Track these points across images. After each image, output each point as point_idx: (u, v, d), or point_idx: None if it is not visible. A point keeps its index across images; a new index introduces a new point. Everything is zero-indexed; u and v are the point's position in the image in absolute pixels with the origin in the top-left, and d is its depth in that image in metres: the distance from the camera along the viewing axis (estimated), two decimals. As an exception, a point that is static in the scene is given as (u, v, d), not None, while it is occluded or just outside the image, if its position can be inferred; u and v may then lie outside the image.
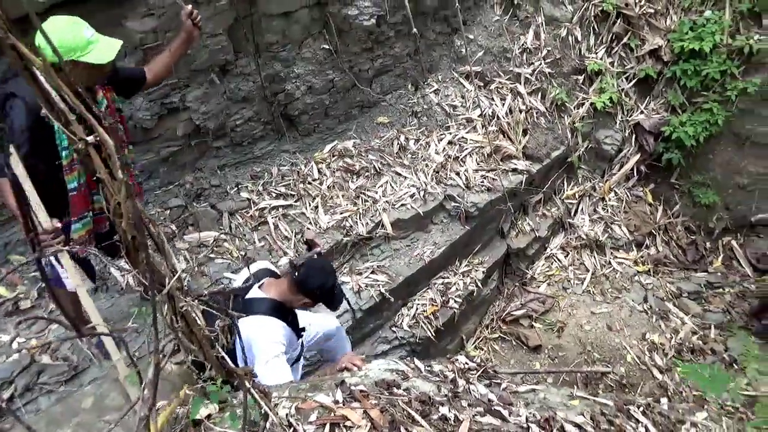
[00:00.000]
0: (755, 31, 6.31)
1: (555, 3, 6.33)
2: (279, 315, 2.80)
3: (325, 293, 2.88)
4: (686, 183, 6.83)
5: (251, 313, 2.76)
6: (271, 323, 2.75)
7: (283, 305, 2.86)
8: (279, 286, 2.90)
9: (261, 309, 2.78)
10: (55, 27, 2.47)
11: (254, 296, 2.85)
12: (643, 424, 2.73)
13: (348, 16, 4.86)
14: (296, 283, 2.82)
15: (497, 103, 5.97)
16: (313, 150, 5.30)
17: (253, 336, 2.69)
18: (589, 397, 2.93)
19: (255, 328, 2.71)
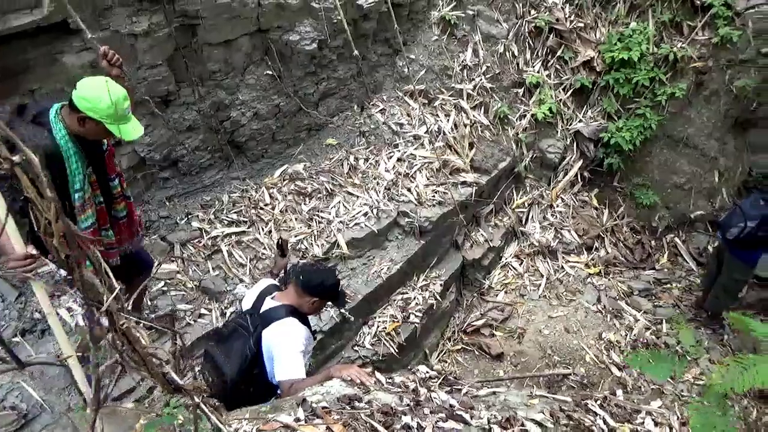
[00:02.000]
0: (678, 39, 6.71)
1: (490, 21, 6.57)
2: (297, 317, 2.90)
3: (330, 290, 2.97)
4: (628, 185, 7.13)
5: (272, 320, 2.84)
6: (293, 324, 2.84)
7: (298, 310, 2.94)
8: (288, 293, 2.98)
9: (280, 314, 2.86)
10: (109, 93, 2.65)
11: (270, 306, 2.93)
12: (601, 416, 2.81)
13: (289, 41, 4.93)
14: (302, 286, 2.91)
15: (442, 119, 6.12)
16: (263, 175, 5.30)
17: (275, 341, 2.78)
18: (548, 396, 3.00)
19: (278, 333, 2.80)
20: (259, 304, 2.99)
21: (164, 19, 4.02)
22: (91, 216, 2.99)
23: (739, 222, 5.18)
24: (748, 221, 5.11)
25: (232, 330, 2.97)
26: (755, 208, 5.14)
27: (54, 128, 2.77)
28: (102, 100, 2.67)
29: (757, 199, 5.22)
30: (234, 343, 2.88)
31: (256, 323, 2.87)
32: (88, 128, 2.78)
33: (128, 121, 2.84)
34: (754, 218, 5.10)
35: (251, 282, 4.59)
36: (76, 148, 2.84)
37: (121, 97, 2.75)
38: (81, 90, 2.70)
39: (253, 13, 4.61)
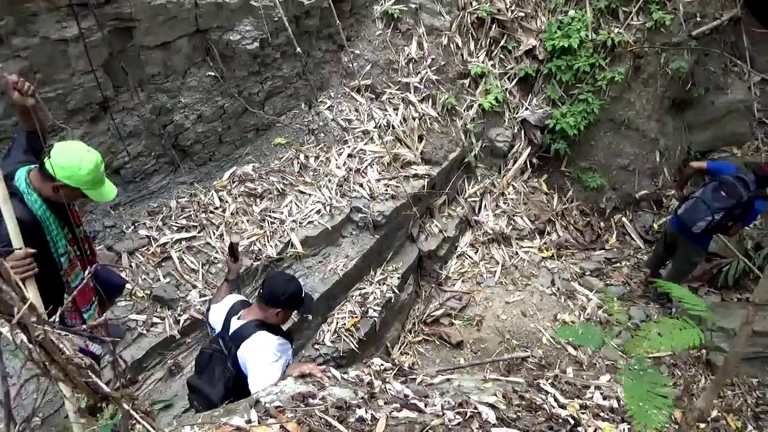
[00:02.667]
0: (614, 25, 6.92)
1: (433, 14, 6.63)
2: (267, 329, 2.89)
3: (292, 299, 2.94)
4: (575, 170, 7.31)
5: (243, 339, 2.83)
6: (261, 338, 2.83)
7: (265, 323, 2.92)
8: (253, 309, 2.97)
9: (249, 331, 2.85)
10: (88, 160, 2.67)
11: (237, 326, 2.92)
12: (552, 394, 2.88)
13: (230, 41, 4.85)
14: (263, 298, 2.90)
15: (391, 113, 6.15)
16: (211, 178, 5.22)
17: (248, 357, 2.79)
18: (501, 378, 3.07)
19: (249, 350, 2.80)
20: (228, 324, 3.01)
21: (96, 24, 3.90)
22: (80, 272, 3.00)
23: (705, 216, 5.23)
24: (715, 215, 5.19)
25: (208, 357, 3.01)
26: (717, 200, 5.21)
27: (28, 198, 2.70)
28: (81, 167, 2.65)
29: (716, 190, 5.30)
30: (214, 368, 2.94)
31: (229, 345, 2.90)
32: (63, 194, 2.72)
33: (104, 183, 2.83)
34: (720, 210, 5.18)
35: (204, 287, 4.53)
36: (54, 215, 2.81)
37: (99, 162, 2.74)
38: (57, 158, 2.62)
39: (191, 14, 4.53)
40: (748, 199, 5.16)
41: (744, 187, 5.17)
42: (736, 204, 5.17)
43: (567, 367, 4.54)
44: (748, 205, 5.20)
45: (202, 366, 3.05)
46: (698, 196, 5.38)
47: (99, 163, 2.75)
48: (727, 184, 5.22)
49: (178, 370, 4.19)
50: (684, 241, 5.68)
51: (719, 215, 5.19)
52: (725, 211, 5.19)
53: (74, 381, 1.01)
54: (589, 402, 2.90)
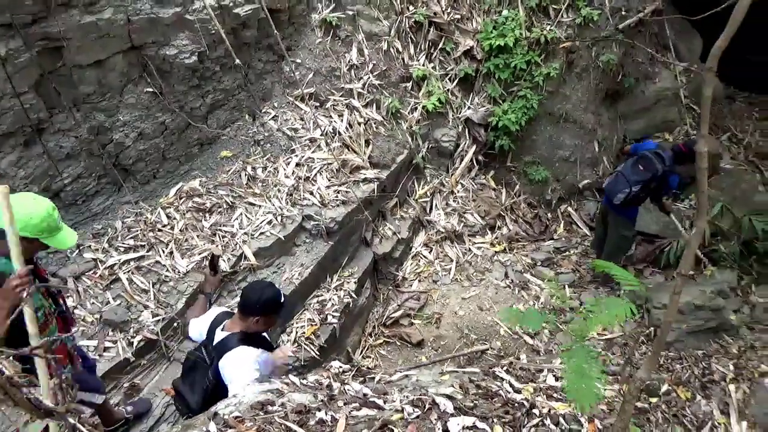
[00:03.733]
0: (546, 23, 7.16)
1: (371, 20, 6.71)
2: (249, 342, 2.92)
3: (269, 305, 2.96)
4: (520, 164, 7.52)
5: (225, 351, 2.88)
6: (243, 353, 2.87)
7: (248, 333, 2.96)
8: (235, 321, 3.01)
9: (232, 344, 2.89)
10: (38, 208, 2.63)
11: (220, 338, 2.97)
12: (507, 380, 2.97)
13: (167, 56, 4.80)
14: (242, 308, 2.94)
15: (336, 120, 6.19)
16: (157, 196, 5.13)
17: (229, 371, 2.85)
18: (458, 370, 3.14)
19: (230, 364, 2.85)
20: (212, 335, 3.05)
21: (23, 44, 3.80)
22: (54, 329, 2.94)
23: (624, 188, 5.65)
24: (633, 186, 5.59)
25: (192, 363, 3.08)
26: (636, 173, 5.62)
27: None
28: (33, 216, 2.60)
29: (635, 164, 5.69)
30: (195, 375, 3.01)
31: (211, 355, 2.96)
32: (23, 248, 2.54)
33: (61, 229, 2.78)
34: (637, 183, 5.59)
35: (157, 307, 4.44)
36: None
37: (50, 209, 2.70)
38: None
39: (123, 31, 4.46)
40: (663, 173, 5.50)
41: (660, 161, 5.53)
42: (652, 177, 5.54)
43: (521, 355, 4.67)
44: (663, 179, 5.54)
45: (185, 371, 3.13)
46: (620, 170, 5.83)
47: (50, 209, 2.71)
48: (645, 159, 5.62)
49: (135, 393, 4.09)
50: (611, 213, 6.04)
51: (637, 187, 5.57)
52: (642, 183, 5.57)
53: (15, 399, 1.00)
54: (542, 385, 3.00)
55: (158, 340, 4.29)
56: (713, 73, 1.75)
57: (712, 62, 1.74)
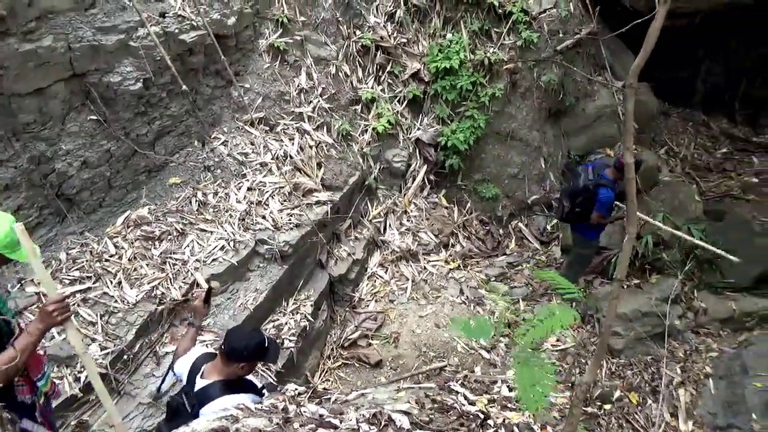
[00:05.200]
0: (489, 45, 7.42)
1: (319, 44, 6.80)
2: (231, 390, 2.84)
3: (255, 353, 2.88)
4: (470, 182, 7.70)
5: (207, 400, 2.79)
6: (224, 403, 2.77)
7: (230, 380, 2.87)
8: (215, 366, 2.91)
9: (214, 394, 2.81)
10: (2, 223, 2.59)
11: (201, 386, 2.87)
12: (462, 393, 3.01)
13: (111, 83, 4.74)
14: (226, 355, 2.83)
15: (287, 144, 6.20)
16: (103, 225, 5.00)
17: None
18: (414, 386, 3.16)
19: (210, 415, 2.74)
20: (192, 379, 2.94)
21: (-43, 74, 3.69)
22: None
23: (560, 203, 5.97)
24: (564, 201, 5.88)
25: (175, 409, 2.99)
26: (566, 189, 5.90)
27: None
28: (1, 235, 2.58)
29: (568, 180, 5.94)
30: (178, 421, 2.85)
31: (192, 403, 2.85)
32: None
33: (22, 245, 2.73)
34: (566, 197, 5.87)
35: (105, 339, 4.31)
36: None
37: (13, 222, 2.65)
38: None
39: (64, 58, 4.38)
40: (585, 187, 5.68)
41: (585, 175, 5.75)
42: (574, 191, 5.77)
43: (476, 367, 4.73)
44: (589, 193, 5.71)
45: (170, 415, 3.05)
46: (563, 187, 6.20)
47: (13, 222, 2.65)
48: (572, 174, 5.85)
49: (83, 431, 3.93)
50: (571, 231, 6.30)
51: (567, 201, 5.85)
52: (568, 197, 5.84)
53: None
54: (496, 396, 3.05)
55: (107, 374, 4.15)
56: (633, 90, 1.87)
57: (632, 79, 1.86)
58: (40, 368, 3.04)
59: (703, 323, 6.26)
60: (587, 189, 5.68)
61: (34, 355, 2.94)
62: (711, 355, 5.92)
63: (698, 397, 5.45)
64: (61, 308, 2.50)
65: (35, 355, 2.99)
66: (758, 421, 4.85)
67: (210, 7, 5.57)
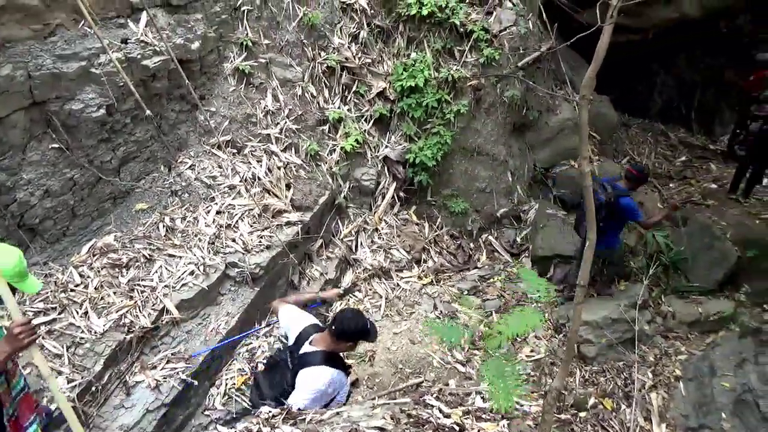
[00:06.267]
0: (452, 63, 7.57)
1: (284, 66, 6.84)
2: (330, 363, 3.29)
3: (361, 332, 3.32)
4: (439, 198, 7.77)
5: (308, 364, 3.25)
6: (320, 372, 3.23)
7: (332, 353, 3.35)
8: (324, 338, 3.35)
9: (315, 361, 3.26)
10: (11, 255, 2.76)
11: (306, 351, 3.33)
12: (437, 407, 3.02)
13: (73, 111, 4.68)
14: (337, 334, 3.26)
15: (255, 166, 6.19)
16: (68, 255, 4.90)
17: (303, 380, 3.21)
18: (389, 402, 3.16)
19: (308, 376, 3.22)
20: (300, 342, 3.41)
21: None
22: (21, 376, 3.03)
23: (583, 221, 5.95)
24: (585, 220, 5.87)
25: (275, 363, 3.56)
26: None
27: None
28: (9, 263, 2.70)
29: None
30: (276, 374, 3.47)
31: (294, 362, 3.35)
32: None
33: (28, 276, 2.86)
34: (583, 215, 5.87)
35: (72, 371, 4.20)
36: None
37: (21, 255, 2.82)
38: None
39: (24, 87, 4.33)
40: (607, 201, 5.78)
41: (603, 191, 5.83)
42: (598, 207, 5.76)
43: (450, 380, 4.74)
44: (611, 206, 5.80)
45: (268, 367, 3.63)
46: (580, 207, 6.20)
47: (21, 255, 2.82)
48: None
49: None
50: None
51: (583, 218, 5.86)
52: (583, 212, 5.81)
53: None
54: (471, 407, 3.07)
55: (75, 408, 4.03)
56: (586, 101, 1.94)
57: (585, 91, 1.94)
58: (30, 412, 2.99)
59: (671, 327, 6.40)
60: (609, 203, 5.76)
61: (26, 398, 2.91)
62: (680, 358, 6.04)
63: (670, 399, 5.55)
64: (28, 330, 2.52)
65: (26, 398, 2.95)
66: (728, 420, 4.96)
67: (173, 33, 5.57)
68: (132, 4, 5.27)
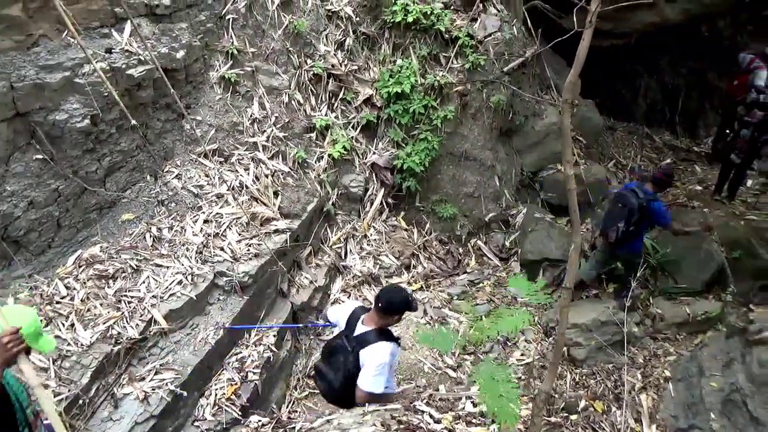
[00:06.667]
0: (439, 69, 7.61)
1: (270, 74, 6.83)
2: (384, 337, 3.65)
3: (405, 305, 3.70)
4: (428, 203, 7.80)
5: (366, 343, 3.61)
6: (381, 348, 3.58)
7: (383, 329, 3.72)
8: (372, 317, 3.73)
9: (372, 339, 3.62)
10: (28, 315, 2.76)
11: (362, 331, 3.71)
12: (427, 412, 3.02)
13: (57, 121, 4.65)
14: (383, 310, 3.65)
15: (242, 174, 6.17)
16: (53, 267, 4.84)
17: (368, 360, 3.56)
18: (379, 408, 3.15)
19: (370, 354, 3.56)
20: (352, 325, 3.79)
21: None
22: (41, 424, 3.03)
23: (612, 227, 6.00)
24: (618, 224, 5.93)
25: (333, 349, 3.86)
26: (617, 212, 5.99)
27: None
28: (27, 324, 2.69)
29: (614, 203, 6.11)
30: (338, 359, 3.75)
31: (353, 344, 3.68)
32: None
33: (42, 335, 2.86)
34: (620, 219, 5.92)
35: (59, 385, 4.14)
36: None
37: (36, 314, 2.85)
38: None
39: (7, 98, 4.29)
40: (640, 205, 5.83)
41: (635, 196, 5.88)
42: (631, 211, 5.88)
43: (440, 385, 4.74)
44: (643, 210, 5.85)
45: (327, 355, 3.92)
46: (606, 212, 6.28)
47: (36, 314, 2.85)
48: (622, 197, 6.02)
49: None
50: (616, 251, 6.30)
51: (621, 223, 5.91)
52: (624, 219, 5.91)
53: None
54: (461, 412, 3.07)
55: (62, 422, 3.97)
56: (568, 105, 1.96)
57: (566, 95, 1.96)
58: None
59: (660, 329, 6.45)
60: (642, 207, 5.81)
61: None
62: (669, 359, 6.09)
63: (660, 400, 5.58)
64: (16, 340, 2.51)
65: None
66: (717, 420, 4.99)
67: (158, 42, 5.56)
68: (116, 14, 5.25)
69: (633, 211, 5.87)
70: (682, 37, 10.76)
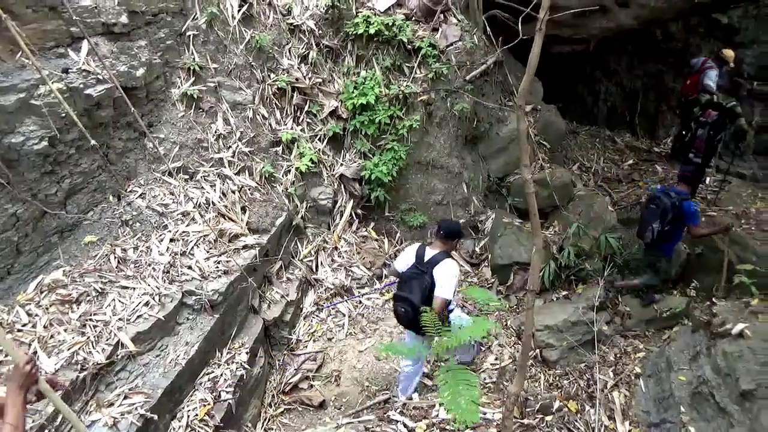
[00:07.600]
0: (402, 80, 7.68)
1: (233, 89, 6.80)
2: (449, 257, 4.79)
3: (460, 231, 5.04)
4: (397, 213, 7.82)
5: (438, 262, 4.67)
6: (451, 264, 4.71)
7: (447, 252, 4.83)
8: (437, 244, 4.88)
9: (441, 258, 4.70)
10: None
11: (432, 254, 4.76)
12: (401, 422, 3.01)
13: (12, 144, 4.54)
14: (446, 236, 4.85)
15: (208, 191, 6.11)
16: (13, 294, 4.71)
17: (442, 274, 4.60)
18: (353, 420, 3.13)
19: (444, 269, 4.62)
20: (421, 255, 4.79)
21: None
22: None
23: (648, 227, 6.21)
24: (653, 224, 6.14)
25: (407, 278, 4.76)
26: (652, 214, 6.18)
27: None
28: None
29: (648, 205, 6.30)
30: (413, 282, 4.67)
31: (426, 266, 4.67)
32: None
33: None
34: (655, 220, 6.12)
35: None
36: None
37: None
38: None
39: (-41, 122, 4.17)
40: (673, 204, 6.03)
41: (668, 197, 6.10)
42: (665, 210, 6.07)
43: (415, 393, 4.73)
44: (676, 209, 6.03)
45: (403, 283, 4.78)
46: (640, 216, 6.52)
47: None
48: (656, 199, 6.24)
49: None
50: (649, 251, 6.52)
51: (656, 224, 6.14)
52: (659, 219, 6.12)
53: None
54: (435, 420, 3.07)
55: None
56: (522, 110, 2.00)
57: (521, 101, 2.00)
58: None
59: (629, 326, 6.56)
60: (675, 206, 6.01)
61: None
62: (639, 356, 6.19)
63: (632, 397, 5.66)
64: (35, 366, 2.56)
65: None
66: (686, 413, 5.09)
67: (116, 60, 5.48)
68: (72, 34, 5.16)
69: (666, 211, 6.07)
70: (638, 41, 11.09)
